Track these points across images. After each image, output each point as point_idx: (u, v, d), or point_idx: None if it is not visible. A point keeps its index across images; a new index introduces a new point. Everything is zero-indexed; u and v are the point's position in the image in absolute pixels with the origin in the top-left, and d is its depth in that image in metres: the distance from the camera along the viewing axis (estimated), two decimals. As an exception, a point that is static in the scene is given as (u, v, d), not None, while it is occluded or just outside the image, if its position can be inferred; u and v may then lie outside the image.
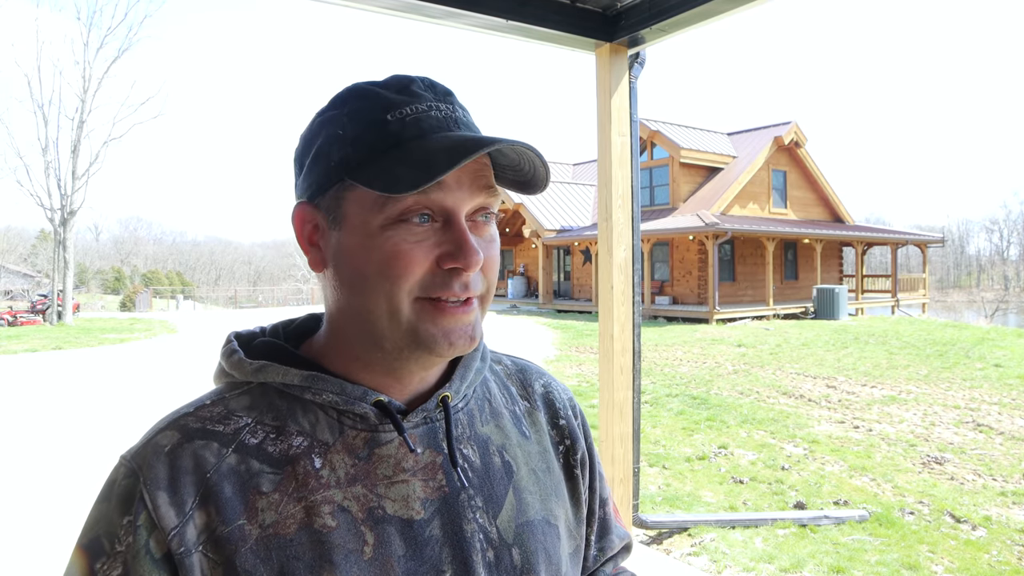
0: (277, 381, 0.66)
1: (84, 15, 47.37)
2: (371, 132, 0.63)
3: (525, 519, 0.71)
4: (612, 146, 3.35)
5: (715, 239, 18.79)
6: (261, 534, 0.60)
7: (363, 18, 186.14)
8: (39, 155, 25.41)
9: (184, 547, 0.58)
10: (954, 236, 76.94)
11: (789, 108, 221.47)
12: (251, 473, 0.62)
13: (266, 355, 0.68)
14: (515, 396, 0.80)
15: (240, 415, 0.65)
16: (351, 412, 0.66)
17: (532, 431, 0.78)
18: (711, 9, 2.82)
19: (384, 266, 0.62)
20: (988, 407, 8.47)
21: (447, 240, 0.62)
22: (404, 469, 0.66)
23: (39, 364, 13.44)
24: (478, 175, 0.64)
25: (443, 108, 0.65)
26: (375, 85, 0.66)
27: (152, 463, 0.60)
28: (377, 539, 0.62)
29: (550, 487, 0.76)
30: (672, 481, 5.68)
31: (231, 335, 0.72)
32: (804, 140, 23.44)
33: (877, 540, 4.40)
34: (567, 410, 0.83)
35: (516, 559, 0.68)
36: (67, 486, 5.55)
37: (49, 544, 4.32)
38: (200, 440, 0.62)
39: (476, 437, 0.72)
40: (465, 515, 0.66)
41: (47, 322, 23.43)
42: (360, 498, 0.63)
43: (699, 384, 10.11)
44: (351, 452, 0.65)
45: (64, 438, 7.24)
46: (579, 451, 0.81)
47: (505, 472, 0.72)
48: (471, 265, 0.62)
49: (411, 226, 0.62)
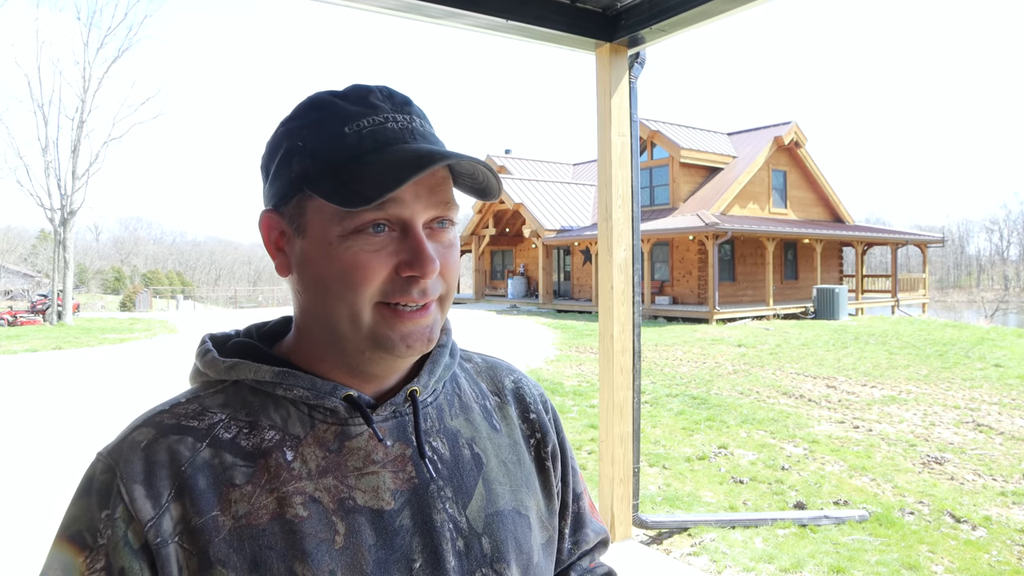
0: (249, 378, 0.68)
1: (84, 15, 47.38)
2: (329, 145, 0.65)
3: (495, 509, 0.73)
4: (612, 146, 3.35)
5: (715, 239, 18.79)
6: (234, 525, 0.61)
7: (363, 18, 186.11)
8: (39, 155, 25.43)
9: (160, 538, 0.60)
10: (954, 236, 76.93)
11: (789, 108, 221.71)
12: (224, 466, 0.63)
13: (239, 354, 0.71)
14: (485, 391, 0.82)
15: (214, 411, 0.67)
16: (321, 406, 0.68)
17: (502, 424, 0.80)
18: (711, 9, 2.82)
19: (344, 275, 0.64)
20: (988, 407, 8.47)
21: (405, 249, 0.64)
22: (374, 461, 0.67)
23: (39, 364, 13.44)
24: (435, 188, 0.66)
25: (400, 119, 0.67)
26: (334, 96, 0.68)
27: (128, 458, 0.62)
28: (348, 528, 0.64)
29: (520, 478, 0.78)
30: (672, 481, 5.68)
31: (205, 336, 0.74)
32: (804, 140, 23.44)
33: (877, 540, 4.40)
34: (537, 404, 0.85)
35: (486, 548, 0.70)
36: (67, 486, 5.55)
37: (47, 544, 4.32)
38: (175, 435, 0.64)
39: (445, 430, 0.74)
40: (435, 505, 0.68)
41: (47, 322, 23.43)
42: (331, 489, 0.65)
43: (699, 384, 10.11)
44: (322, 445, 0.67)
45: (64, 438, 7.24)
46: (550, 444, 0.83)
47: (475, 464, 0.74)
48: (428, 273, 0.64)
49: (369, 236, 0.64)
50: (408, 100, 0.69)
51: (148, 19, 44.83)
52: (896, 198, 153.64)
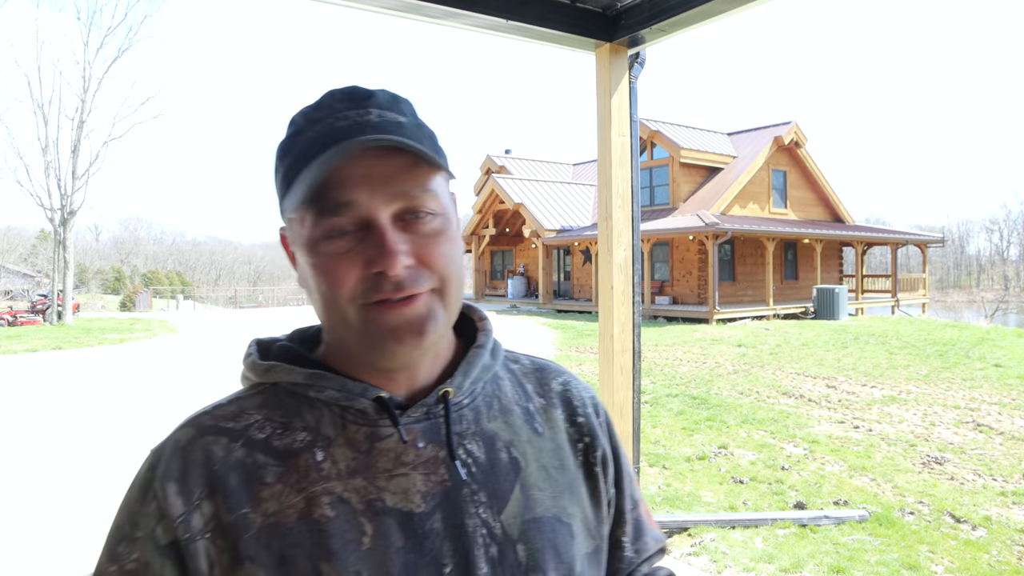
0: (285, 380, 0.70)
1: (84, 15, 47.27)
2: (291, 157, 0.67)
3: (533, 515, 0.70)
4: (612, 146, 3.35)
5: (715, 239, 18.79)
6: (264, 522, 0.63)
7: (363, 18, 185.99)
8: (39, 155, 25.35)
9: (189, 533, 0.62)
10: (954, 236, 76.91)
11: (789, 108, 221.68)
12: (256, 465, 0.65)
13: (280, 358, 0.73)
14: (530, 393, 0.80)
15: (251, 413, 0.69)
16: (352, 408, 0.68)
17: (546, 428, 0.77)
18: (711, 9, 2.82)
19: (321, 281, 0.66)
20: (988, 407, 8.47)
21: (370, 246, 0.64)
22: (404, 463, 0.67)
23: (39, 364, 13.44)
24: (390, 180, 0.65)
25: (351, 116, 0.66)
26: (306, 108, 0.69)
27: (168, 457, 0.66)
28: (376, 530, 0.63)
29: (563, 484, 0.75)
30: (672, 481, 5.68)
31: (252, 341, 0.77)
32: (804, 140, 23.43)
33: (877, 540, 4.40)
34: (586, 408, 0.82)
35: (521, 556, 0.68)
36: (67, 485, 5.55)
37: (49, 543, 4.31)
38: (211, 436, 0.67)
39: (482, 433, 0.72)
40: (467, 510, 0.67)
41: (47, 322, 23.43)
42: (360, 490, 0.65)
43: (699, 384, 10.11)
44: (352, 446, 0.67)
45: (64, 438, 7.24)
46: (599, 449, 0.80)
47: (512, 468, 0.71)
48: (390, 267, 0.63)
49: (336, 240, 0.65)
50: (371, 94, 0.68)
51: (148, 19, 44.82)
52: (896, 198, 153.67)
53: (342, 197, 0.63)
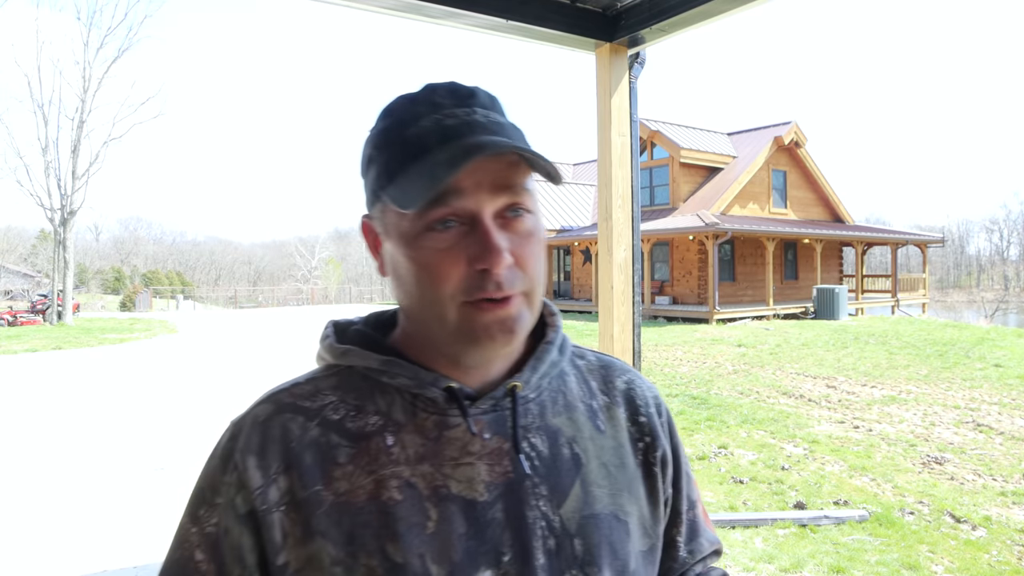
0: (360, 365, 0.72)
1: (84, 15, 47.28)
2: (394, 149, 0.67)
3: (591, 511, 0.71)
4: (612, 146, 3.35)
5: (715, 239, 18.79)
6: (335, 500, 0.65)
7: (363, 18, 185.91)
8: (39, 155, 25.38)
9: (266, 505, 0.65)
10: (954, 236, 76.93)
11: (789, 108, 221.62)
12: (330, 445, 0.68)
13: (355, 342, 0.74)
14: (594, 391, 0.80)
15: (327, 393, 0.72)
16: (423, 396, 0.70)
17: (608, 426, 0.78)
18: (711, 9, 2.81)
19: (421, 276, 0.66)
20: (988, 407, 8.47)
21: (474, 242, 0.64)
22: (470, 452, 0.69)
23: (39, 364, 13.44)
24: (499, 175, 0.65)
25: (459, 114, 0.67)
26: (405, 99, 0.70)
27: (248, 431, 0.69)
28: (440, 515, 0.66)
29: (623, 483, 0.76)
30: (672, 481, 5.68)
31: (330, 322, 0.79)
32: (804, 140, 23.44)
33: (877, 540, 4.40)
34: (649, 407, 0.83)
35: (578, 549, 0.69)
36: (67, 485, 5.54)
37: (49, 543, 4.31)
38: (289, 413, 0.70)
39: (546, 427, 0.73)
40: (528, 501, 0.68)
41: (47, 322, 23.43)
42: (426, 476, 0.67)
43: (699, 384, 10.11)
44: (421, 433, 0.69)
45: (64, 438, 7.23)
46: (659, 449, 0.81)
47: (573, 464, 0.73)
48: (495, 264, 0.64)
49: (438, 234, 0.65)
50: (473, 92, 0.70)
51: (148, 19, 44.79)
52: (896, 198, 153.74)
53: (449, 191, 0.64)
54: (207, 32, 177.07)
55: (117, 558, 4.07)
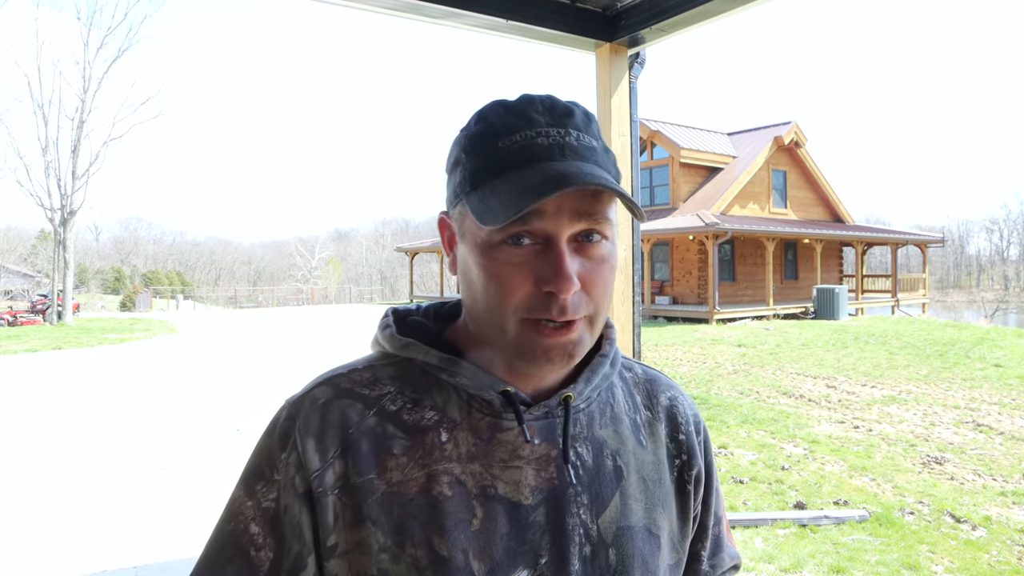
0: (419, 359, 0.74)
1: (84, 15, 47.35)
2: (483, 158, 0.68)
3: (627, 523, 0.73)
4: (612, 146, 3.35)
5: (715, 239, 18.79)
6: (387, 490, 0.67)
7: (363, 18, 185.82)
8: (39, 155, 25.38)
9: (322, 488, 0.67)
10: (954, 236, 76.92)
11: (789, 108, 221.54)
12: (386, 436, 0.70)
13: (415, 333, 0.76)
14: (639, 405, 0.82)
15: (385, 383, 0.73)
16: (480, 397, 0.72)
17: (649, 441, 0.80)
18: (711, 9, 2.81)
19: (489, 285, 0.67)
20: (988, 407, 8.47)
21: (546, 264, 0.65)
22: (520, 456, 0.71)
23: (39, 364, 13.45)
24: (581, 202, 0.65)
25: (553, 134, 0.67)
26: (501, 106, 0.70)
27: (307, 412, 0.70)
28: (485, 514, 0.68)
29: (658, 498, 0.78)
30: (672, 481, 5.68)
31: (389, 310, 0.80)
32: (804, 140, 23.44)
33: (877, 540, 4.40)
34: (689, 426, 0.84)
35: (612, 559, 0.71)
36: (67, 485, 5.54)
37: (49, 543, 4.31)
38: (347, 399, 0.71)
39: (592, 438, 0.75)
40: (569, 509, 0.70)
41: (47, 322, 23.43)
42: (476, 475, 0.69)
43: (699, 384, 10.12)
44: (475, 432, 0.71)
45: (64, 438, 7.23)
46: (695, 467, 0.83)
47: (615, 475, 0.75)
48: (563, 290, 0.64)
49: (512, 248, 0.65)
50: (570, 111, 0.69)
51: (148, 19, 44.82)
52: (896, 198, 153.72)
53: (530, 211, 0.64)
54: (207, 32, 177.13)
55: (117, 558, 4.07)
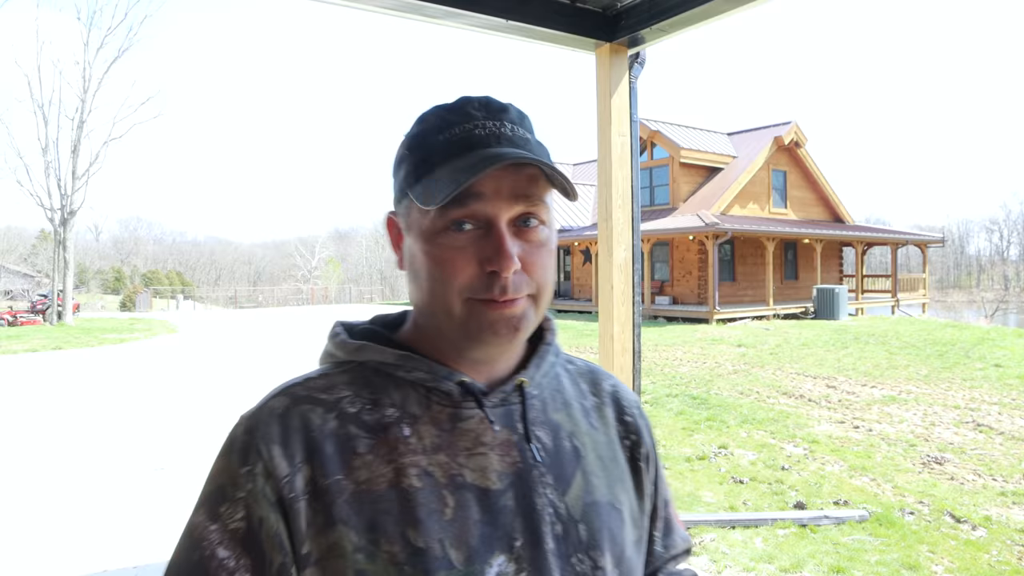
0: (375, 359, 0.75)
1: (84, 15, 47.31)
2: (424, 151, 0.72)
3: (592, 499, 0.76)
4: (612, 146, 3.35)
5: (715, 239, 18.79)
6: (355, 489, 0.67)
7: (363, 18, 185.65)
8: (39, 155, 25.43)
9: (294, 493, 0.67)
10: (954, 236, 76.95)
11: (789, 108, 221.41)
12: (349, 436, 0.70)
13: (367, 338, 0.78)
14: (585, 392, 0.87)
15: (341, 388, 0.74)
16: (438, 389, 0.73)
17: (600, 423, 0.84)
18: (711, 9, 2.82)
19: (434, 270, 0.70)
20: (988, 407, 8.47)
21: (488, 246, 0.69)
22: (483, 443, 0.72)
23: (39, 364, 13.45)
24: (518, 185, 0.70)
25: (489, 126, 0.71)
26: (440, 108, 0.74)
27: (266, 422, 0.70)
28: (457, 502, 0.69)
29: (616, 475, 0.82)
30: (672, 481, 5.68)
31: (338, 322, 0.82)
32: (804, 140, 23.44)
33: (877, 540, 4.40)
34: (633, 408, 0.90)
35: (583, 534, 0.74)
36: (67, 486, 5.55)
37: (48, 543, 4.32)
38: (307, 405, 0.71)
39: (548, 422, 0.78)
40: (537, 489, 0.73)
41: (47, 322, 23.44)
42: (443, 465, 0.70)
43: (699, 384, 10.12)
44: (436, 424, 0.72)
45: (64, 438, 7.24)
46: (644, 447, 0.87)
47: (574, 455, 0.78)
48: (504, 268, 0.68)
49: (455, 234, 0.69)
50: (505, 108, 0.74)
51: (148, 19, 44.76)
52: (896, 198, 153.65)
53: (470, 195, 0.68)
54: (207, 32, 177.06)
55: (117, 558, 4.07)
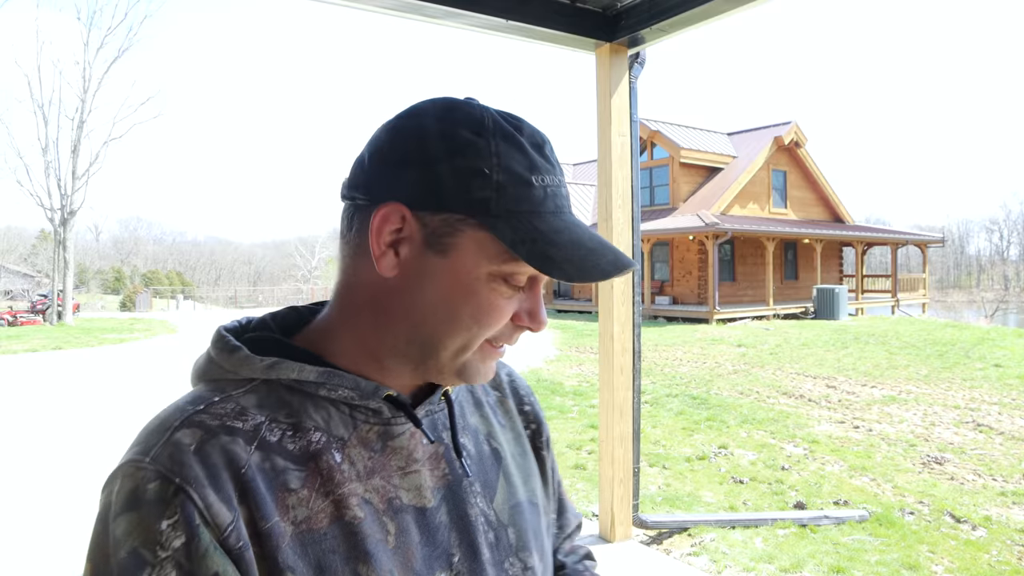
0: (290, 377, 0.65)
1: (84, 15, 47.37)
2: (519, 189, 0.62)
3: (515, 501, 0.77)
4: (612, 146, 3.35)
5: (715, 239, 18.79)
6: (295, 531, 0.60)
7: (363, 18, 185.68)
8: (39, 155, 25.47)
9: (241, 541, 0.57)
10: (954, 236, 76.95)
11: (789, 108, 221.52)
12: (276, 471, 0.61)
13: (276, 353, 0.67)
14: (487, 387, 0.85)
15: (253, 412, 0.63)
16: (364, 407, 0.67)
17: (506, 419, 0.84)
18: (711, 9, 2.82)
19: (478, 313, 0.64)
20: (988, 407, 8.47)
21: (528, 302, 0.67)
22: (415, 460, 0.69)
23: (39, 364, 13.45)
24: None
25: (560, 182, 0.67)
26: (514, 129, 0.65)
27: (181, 463, 0.57)
28: (398, 528, 0.65)
29: (528, 469, 0.82)
30: (672, 481, 5.68)
31: (221, 329, 0.70)
32: (804, 140, 23.43)
33: (877, 540, 4.40)
34: (530, 396, 0.90)
35: (512, 538, 0.74)
36: (67, 486, 5.54)
37: (48, 543, 4.31)
38: (225, 436, 0.60)
39: (468, 427, 0.77)
40: (468, 500, 0.71)
41: (47, 322, 23.43)
42: (379, 490, 0.66)
43: (699, 384, 10.11)
44: (366, 446, 0.67)
45: (64, 438, 7.23)
46: (544, 434, 0.88)
47: (495, 458, 0.78)
48: (538, 330, 0.68)
49: (509, 287, 0.65)
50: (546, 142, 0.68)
51: (148, 19, 44.82)
52: (896, 198, 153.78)
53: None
54: (207, 32, 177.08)
55: (117, 558, 4.07)
